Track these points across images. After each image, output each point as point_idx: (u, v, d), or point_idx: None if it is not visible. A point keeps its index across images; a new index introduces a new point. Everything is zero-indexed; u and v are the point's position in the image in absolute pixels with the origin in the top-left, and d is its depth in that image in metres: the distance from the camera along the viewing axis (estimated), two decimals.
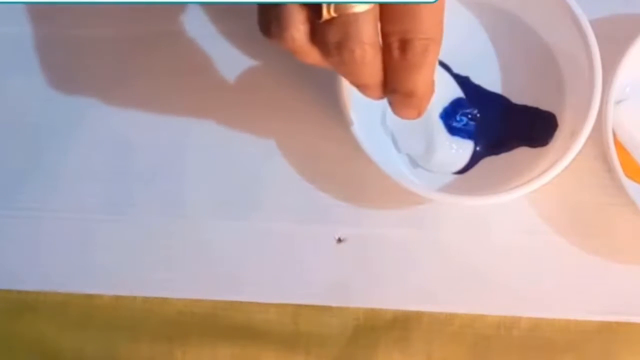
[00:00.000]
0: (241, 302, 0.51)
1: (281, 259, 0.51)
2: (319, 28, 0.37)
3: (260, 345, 0.50)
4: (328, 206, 0.51)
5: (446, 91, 0.50)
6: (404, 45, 0.37)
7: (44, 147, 0.53)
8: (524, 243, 0.51)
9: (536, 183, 0.46)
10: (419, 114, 0.41)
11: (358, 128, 0.47)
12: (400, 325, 0.50)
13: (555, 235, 0.51)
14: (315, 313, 0.51)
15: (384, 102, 0.50)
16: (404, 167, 0.51)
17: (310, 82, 0.52)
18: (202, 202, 0.52)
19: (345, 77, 0.39)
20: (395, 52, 0.37)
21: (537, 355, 0.50)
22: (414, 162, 0.51)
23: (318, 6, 0.36)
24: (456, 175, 0.51)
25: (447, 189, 0.50)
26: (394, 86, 0.39)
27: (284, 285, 0.51)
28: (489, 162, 0.51)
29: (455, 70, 0.51)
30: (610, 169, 0.48)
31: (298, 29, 0.37)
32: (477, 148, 0.50)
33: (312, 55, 0.38)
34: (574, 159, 0.47)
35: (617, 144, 0.49)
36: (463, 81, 0.51)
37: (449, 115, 0.50)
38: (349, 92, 0.47)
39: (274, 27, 0.37)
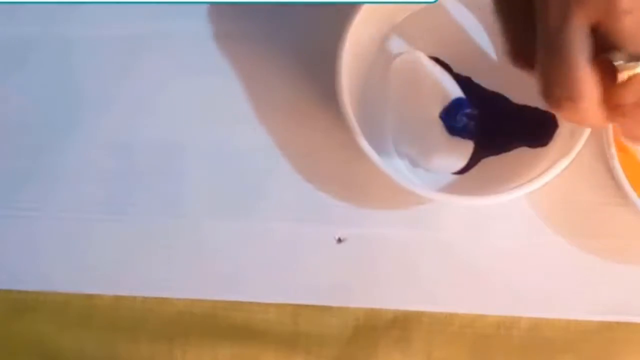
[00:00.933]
0: (241, 302, 0.51)
1: (281, 259, 0.51)
2: (613, 92, 0.35)
3: (260, 345, 0.51)
4: (328, 206, 0.52)
5: (446, 91, 0.50)
6: None
7: (44, 147, 0.53)
8: (524, 243, 0.51)
9: (536, 183, 0.47)
10: None
11: (358, 128, 0.47)
12: (400, 325, 0.51)
13: (555, 235, 0.51)
14: (315, 313, 0.51)
15: (385, 103, 0.50)
16: (404, 167, 0.51)
17: (311, 83, 0.52)
18: (202, 202, 0.52)
19: (633, 132, 0.37)
20: None
21: (537, 355, 0.51)
22: (414, 162, 0.51)
23: (611, 70, 0.35)
24: (456, 175, 0.51)
25: (447, 189, 0.51)
26: None
27: (283, 285, 0.51)
28: (488, 162, 0.51)
29: (456, 70, 0.51)
30: (609, 169, 0.48)
31: (593, 98, 0.35)
32: (477, 148, 0.50)
33: (596, 119, 0.36)
34: (573, 159, 0.47)
35: (617, 142, 0.49)
36: (463, 81, 0.51)
37: (449, 115, 0.50)
38: (349, 92, 0.47)
39: (565, 99, 0.35)
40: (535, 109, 0.51)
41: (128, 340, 0.51)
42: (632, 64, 0.34)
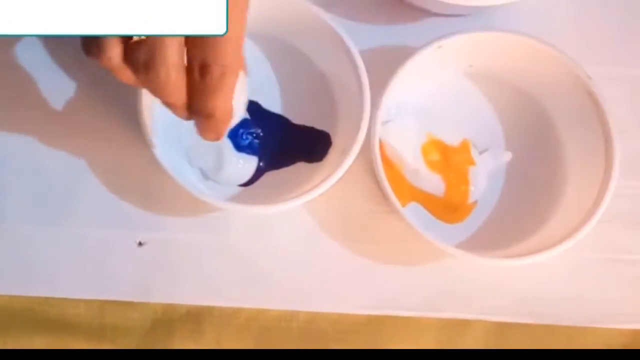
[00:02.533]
0: (55, 298, 0.54)
1: (90, 260, 0.55)
2: (129, 49, 0.39)
3: (71, 336, 0.54)
4: (131, 214, 0.55)
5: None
6: (203, 69, 0.39)
7: None
8: (303, 246, 0.55)
9: (312, 194, 0.51)
10: (218, 137, 0.44)
11: (157, 146, 0.50)
12: (194, 318, 0.54)
13: (330, 239, 0.55)
14: (119, 308, 0.54)
15: (181, 122, 0.54)
16: (197, 179, 0.55)
17: (117, 106, 0.55)
18: (21, 210, 0.55)
19: (154, 94, 0.41)
20: (196, 75, 0.39)
21: (313, 344, 0.54)
22: (205, 175, 0.55)
23: None
24: (243, 187, 0.55)
25: (235, 199, 0.54)
26: (196, 107, 0.41)
27: (92, 283, 0.54)
28: (271, 176, 0.55)
29: None
30: (377, 181, 0.52)
31: (114, 49, 0.39)
32: (261, 163, 0.55)
33: (125, 74, 0.40)
34: (346, 172, 0.51)
35: (384, 158, 0.53)
36: (249, 104, 0.52)
37: (235, 134, 0.54)
38: (149, 115, 0.51)
39: (94, 47, 0.39)
40: (312, 129, 0.55)
41: None
42: None
